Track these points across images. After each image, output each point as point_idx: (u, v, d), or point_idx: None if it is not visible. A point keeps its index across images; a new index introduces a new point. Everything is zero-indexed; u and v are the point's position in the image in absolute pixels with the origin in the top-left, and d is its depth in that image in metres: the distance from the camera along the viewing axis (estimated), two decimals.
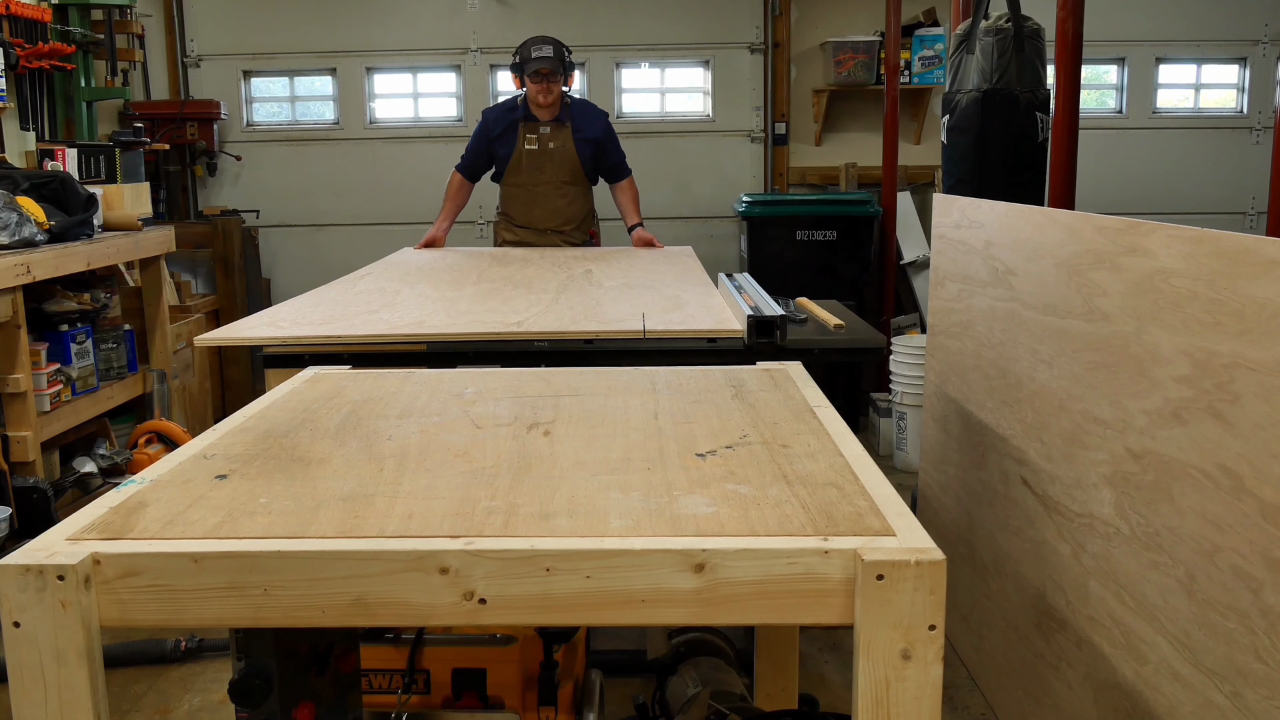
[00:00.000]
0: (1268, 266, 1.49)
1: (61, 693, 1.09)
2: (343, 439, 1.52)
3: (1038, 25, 3.41)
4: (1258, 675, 1.52)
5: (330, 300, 2.91)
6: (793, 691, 2.24)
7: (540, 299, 2.87)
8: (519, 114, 4.41)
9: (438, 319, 2.58)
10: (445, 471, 1.36)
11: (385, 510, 1.22)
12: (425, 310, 2.73)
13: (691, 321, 2.55)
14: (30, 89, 4.86)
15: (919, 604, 1.07)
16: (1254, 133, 6.47)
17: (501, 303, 2.81)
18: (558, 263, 3.72)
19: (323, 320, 2.58)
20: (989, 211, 2.69)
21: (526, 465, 1.39)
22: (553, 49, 4.24)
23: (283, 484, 1.31)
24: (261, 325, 2.58)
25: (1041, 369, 2.28)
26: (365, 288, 3.17)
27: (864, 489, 1.28)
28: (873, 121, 6.09)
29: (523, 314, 2.63)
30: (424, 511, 1.21)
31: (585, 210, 4.56)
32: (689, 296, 2.96)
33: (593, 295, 2.96)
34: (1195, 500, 1.66)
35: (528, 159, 4.40)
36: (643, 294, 3.02)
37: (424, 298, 2.94)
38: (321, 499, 1.25)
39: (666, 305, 2.79)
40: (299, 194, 6.31)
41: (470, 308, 2.75)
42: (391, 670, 1.66)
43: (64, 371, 3.88)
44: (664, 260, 3.92)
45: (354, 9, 6.18)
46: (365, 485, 1.31)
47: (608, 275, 3.41)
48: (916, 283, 5.68)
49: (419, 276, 3.44)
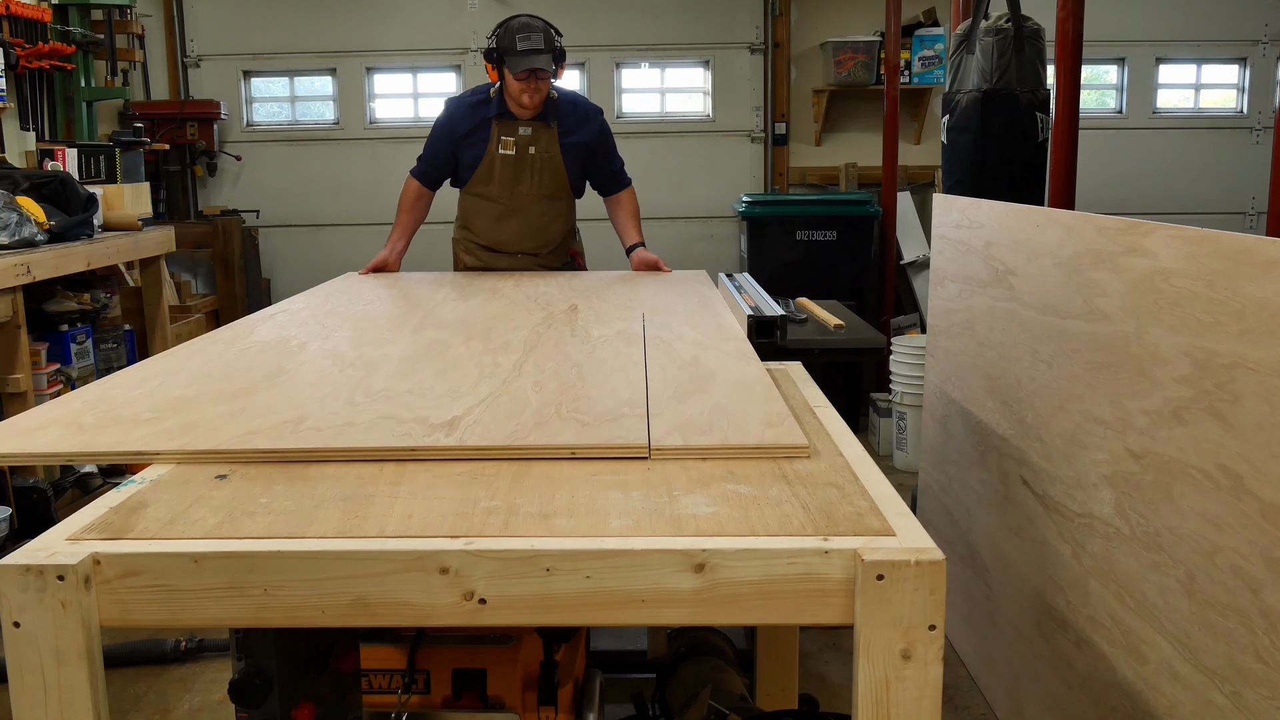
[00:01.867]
0: (1268, 266, 1.49)
1: (61, 693, 1.09)
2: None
3: (1038, 25, 3.41)
4: (1258, 675, 1.52)
5: (200, 363, 1.99)
6: (793, 691, 2.24)
7: (498, 366, 1.95)
8: (492, 110, 3.47)
9: (324, 414, 1.59)
10: (443, 468, 1.36)
11: (385, 510, 1.22)
12: (317, 391, 1.74)
13: (727, 426, 1.54)
14: (30, 89, 4.87)
15: (919, 604, 1.07)
16: (1254, 133, 6.47)
17: (438, 374, 1.87)
18: (535, 296, 2.85)
19: (152, 412, 1.62)
20: (989, 211, 2.69)
21: (526, 466, 1.39)
22: (543, 38, 3.30)
23: (283, 484, 1.31)
24: (51, 424, 1.58)
25: (1041, 369, 2.28)
26: (265, 337, 2.27)
27: (864, 489, 1.28)
28: (873, 121, 6.09)
29: (464, 399, 1.68)
30: (424, 511, 1.21)
31: (566, 229, 3.70)
32: (715, 361, 1.98)
33: (574, 358, 2.03)
34: (1195, 500, 1.66)
35: (502, 166, 3.50)
36: (648, 355, 2.05)
37: (332, 360, 2.02)
38: (321, 499, 1.25)
39: (683, 382, 1.81)
40: (299, 194, 6.31)
41: (387, 386, 1.78)
42: (391, 670, 1.66)
43: (64, 371, 3.88)
44: (673, 292, 2.98)
45: (354, 9, 6.18)
46: (365, 486, 1.31)
47: (599, 316, 2.51)
48: (916, 283, 5.68)
49: (345, 319, 2.53)
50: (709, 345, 2.13)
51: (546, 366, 1.93)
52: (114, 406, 1.66)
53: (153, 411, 1.62)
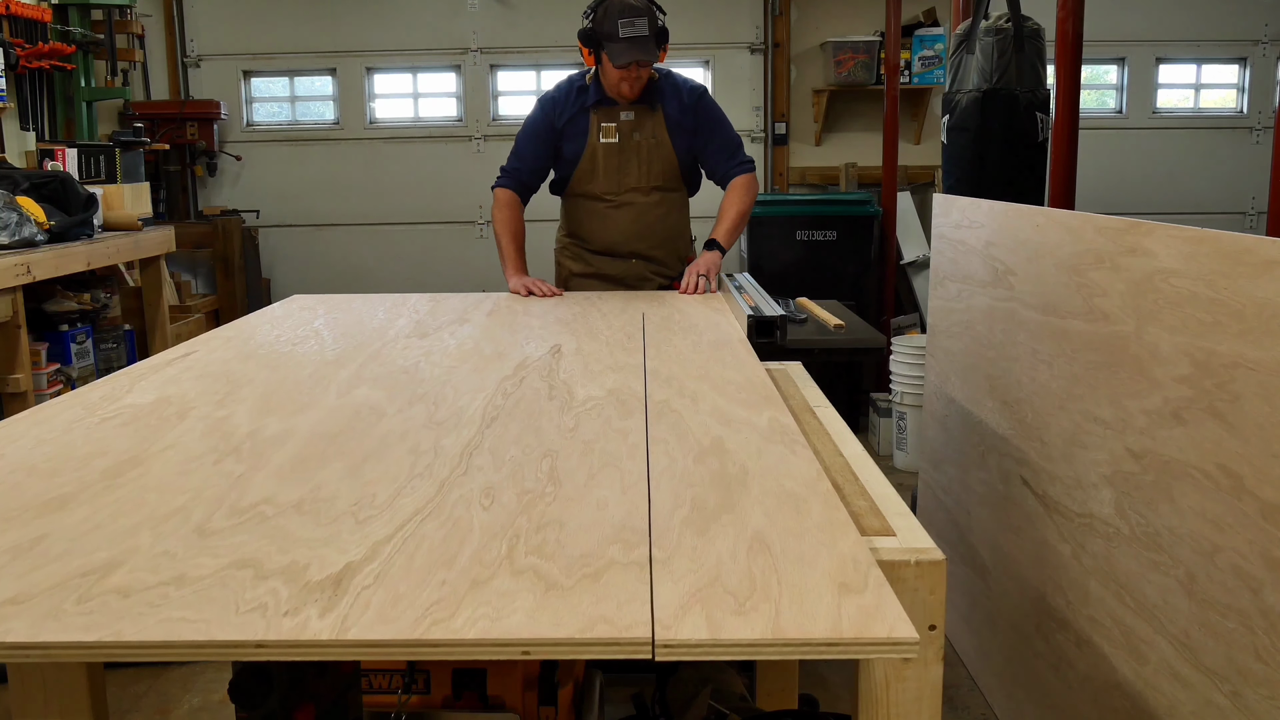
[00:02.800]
0: (1268, 266, 1.49)
1: (61, 693, 1.09)
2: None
3: (1038, 25, 3.41)
4: (1258, 675, 1.52)
5: (29, 444, 1.48)
6: (793, 691, 2.24)
7: (438, 453, 1.41)
8: (591, 98, 3.13)
9: (148, 558, 1.07)
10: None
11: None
12: (163, 505, 1.22)
13: (778, 588, 0.99)
14: (30, 89, 4.87)
15: (919, 604, 1.07)
16: (1254, 133, 6.47)
17: (349, 472, 1.34)
18: (512, 328, 2.36)
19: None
20: (989, 211, 2.69)
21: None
22: (648, 23, 2.93)
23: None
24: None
25: (1041, 369, 2.28)
26: (142, 399, 1.74)
27: (864, 489, 1.28)
28: (873, 121, 6.09)
29: (374, 525, 1.16)
30: None
31: (681, 226, 3.35)
32: (746, 447, 1.43)
33: (548, 438, 1.48)
34: (1195, 500, 1.66)
35: (605, 156, 3.14)
36: (651, 433, 1.51)
37: (214, 440, 1.49)
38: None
39: (704, 488, 1.26)
40: (299, 194, 6.31)
41: (269, 495, 1.26)
42: (391, 670, 1.66)
43: (64, 371, 3.88)
44: (684, 320, 2.50)
45: (354, 9, 6.18)
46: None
47: (588, 364, 1.95)
48: (916, 283, 5.68)
49: (264, 364, 2.01)
50: (734, 415, 1.60)
51: (507, 456, 1.38)
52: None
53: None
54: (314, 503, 1.22)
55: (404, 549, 1.08)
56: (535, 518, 1.16)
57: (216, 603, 0.96)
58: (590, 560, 1.04)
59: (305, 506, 1.21)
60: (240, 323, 2.51)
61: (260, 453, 1.41)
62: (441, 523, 1.15)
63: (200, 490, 1.27)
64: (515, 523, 1.15)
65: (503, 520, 1.15)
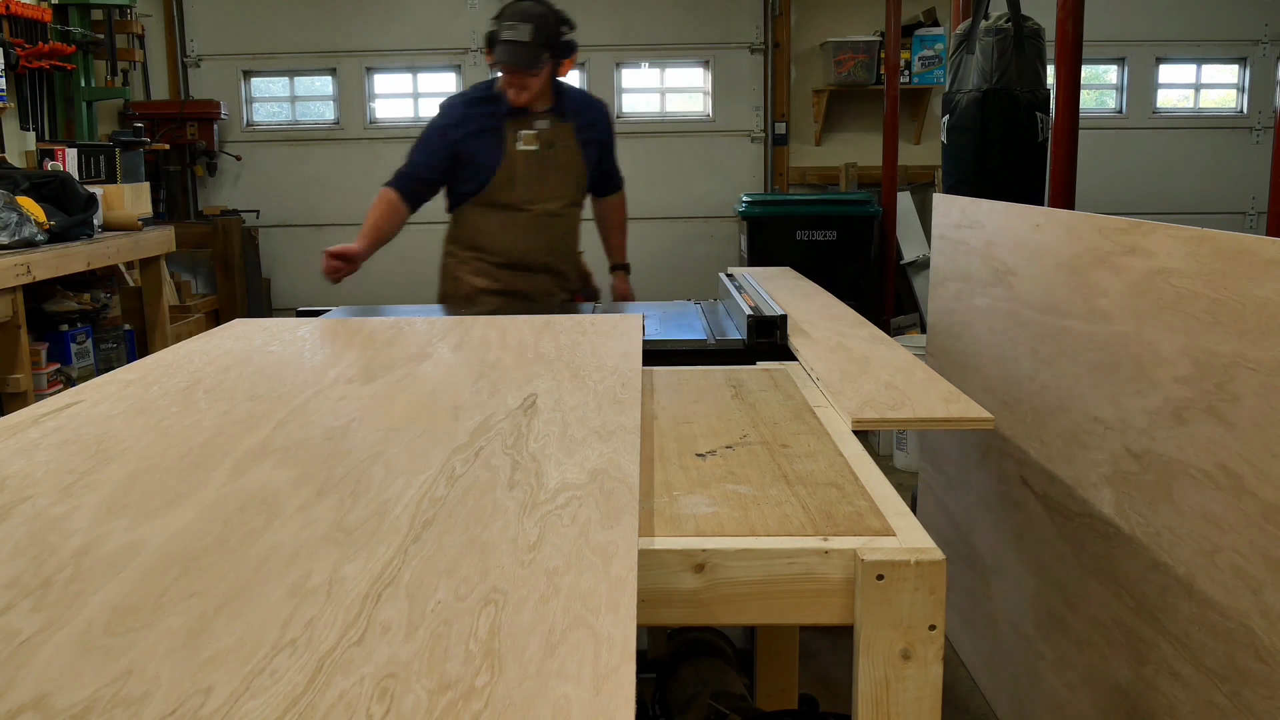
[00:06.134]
0: (1268, 266, 1.49)
1: None
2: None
3: (1038, 25, 3.41)
4: (1258, 675, 1.52)
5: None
6: (793, 691, 2.24)
7: (332, 594, 0.91)
8: (504, 107, 2.98)
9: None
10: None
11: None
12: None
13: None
14: (30, 89, 4.87)
15: (919, 604, 1.07)
16: (1254, 133, 6.47)
17: (188, 639, 0.83)
18: (481, 370, 1.80)
19: None
20: (989, 211, 2.69)
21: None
22: (531, 29, 2.86)
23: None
24: None
25: (1041, 369, 2.28)
26: (49, 438, 1.39)
27: (864, 489, 1.28)
28: (873, 121, 6.09)
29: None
30: None
31: (577, 239, 3.24)
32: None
33: (494, 569, 0.97)
34: (1195, 500, 1.66)
35: (526, 166, 3.00)
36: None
37: (17, 572, 0.96)
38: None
39: None
40: (299, 194, 6.32)
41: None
42: None
43: (64, 371, 3.88)
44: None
45: (354, 9, 6.18)
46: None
47: (568, 427, 1.43)
48: (916, 283, 5.68)
49: (150, 426, 1.45)
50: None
51: (431, 603, 0.90)
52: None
53: None
54: (104, 710, 0.72)
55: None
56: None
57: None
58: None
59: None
60: (152, 360, 1.93)
61: (76, 592, 0.92)
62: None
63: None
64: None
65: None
